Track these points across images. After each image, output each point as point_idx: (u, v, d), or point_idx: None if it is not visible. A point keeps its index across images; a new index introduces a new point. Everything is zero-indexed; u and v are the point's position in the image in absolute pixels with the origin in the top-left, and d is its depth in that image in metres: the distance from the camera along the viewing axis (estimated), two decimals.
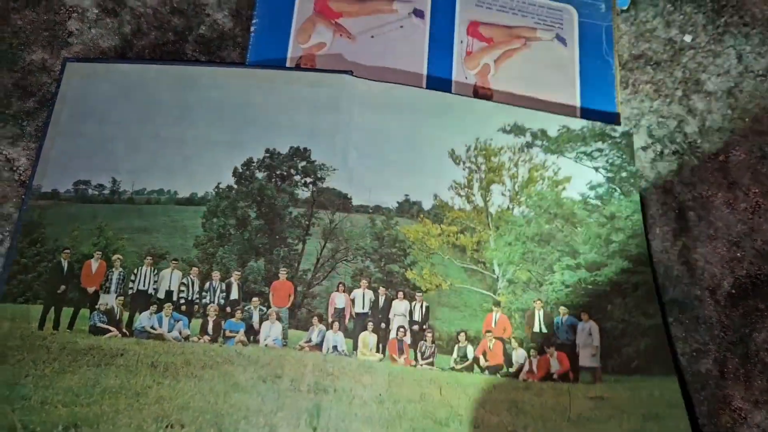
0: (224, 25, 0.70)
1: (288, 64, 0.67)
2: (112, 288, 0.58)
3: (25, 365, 0.55)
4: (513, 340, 0.60)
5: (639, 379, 0.58)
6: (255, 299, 0.58)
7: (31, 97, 0.65)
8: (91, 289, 0.58)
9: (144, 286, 0.58)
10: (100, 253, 0.59)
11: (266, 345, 0.56)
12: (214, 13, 0.71)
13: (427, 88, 0.68)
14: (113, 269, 0.59)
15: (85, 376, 0.55)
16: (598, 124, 0.67)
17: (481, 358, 0.59)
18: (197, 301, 0.58)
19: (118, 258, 0.59)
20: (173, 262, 0.59)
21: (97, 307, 0.58)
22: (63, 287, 0.58)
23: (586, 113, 0.68)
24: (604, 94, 0.70)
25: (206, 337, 0.56)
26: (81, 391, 0.54)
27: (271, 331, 0.57)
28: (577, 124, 0.67)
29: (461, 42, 0.71)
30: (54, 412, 0.54)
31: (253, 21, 0.69)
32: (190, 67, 0.66)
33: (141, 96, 0.64)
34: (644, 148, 0.70)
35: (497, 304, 0.61)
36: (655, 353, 0.59)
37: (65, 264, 0.59)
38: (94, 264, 0.59)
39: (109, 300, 0.58)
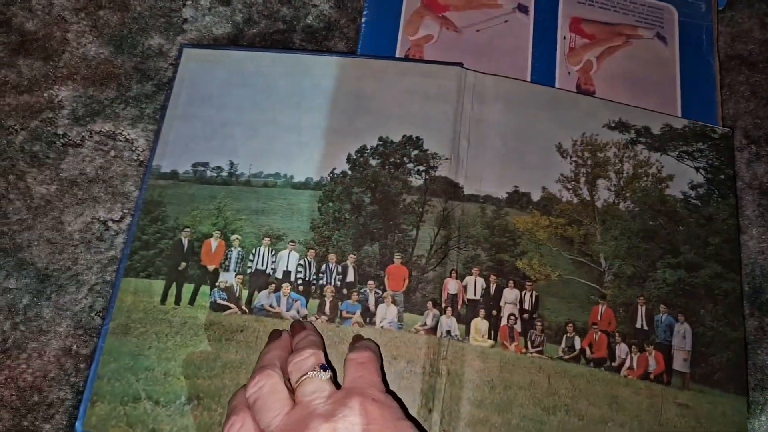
0: (330, 16, 0.72)
1: (397, 54, 0.68)
2: (231, 267, 0.60)
3: (148, 338, 0.57)
4: (617, 335, 0.61)
5: (718, 394, 0.59)
6: (371, 282, 0.59)
7: (149, 80, 0.67)
8: (211, 267, 0.60)
9: (262, 265, 0.60)
10: (219, 232, 0.61)
11: (382, 327, 0.58)
12: (321, 4, 0.72)
13: (531, 82, 0.68)
14: (232, 248, 0.61)
15: (207, 350, 0.57)
16: (699, 124, 0.68)
17: (587, 349, 0.60)
18: (314, 282, 0.59)
19: (237, 238, 0.61)
20: (290, 243, 0.61)
21: (217, 284, 0.59)
22: (184, 264, 0.60)
23: (686, 113, 0.69)
24: (704, 95, 0.70)
25: (323, 317, 0.58)
26: (203, 365, 0.56)
27: (387, 313, 0.58)
28: (679, 123, 0.68)
29: (564, 38, 0.71)
30: (176, 383, 0.56)
31: (364, 12, 0.70)
32: (304, 56, 0.67)
33: (256, 82, 0.66)
34: (740, 149, 0.70)
35: (603, 297, 0.61)
36: (734, 369, 0.60)
37: (185, 242, 0.61)
38: (214, 243, 0.61)
39: (229, 278, 0.60)
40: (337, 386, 0.48)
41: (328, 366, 0.48)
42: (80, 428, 0.54)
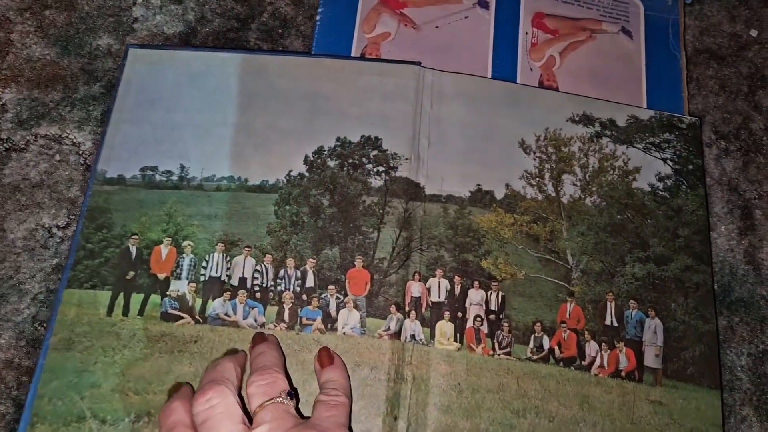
0: (286, 14, 0.70)
1: (353, 54, 0.66)
2: (184, 274, 0.57)
3: (93, 352, 0.54)
4: (586, 332, 0.59)
5: (692, 389, 0.58)
6: (331, 287, 0.57)
7: (97, 82, 0.65)
8: (161, 276, 0.57)
9: (216, 272, 0.57)
10: (170, 239, 0.58)
11: (344, 333, 0.55)
12: (276, 1, 0.70)
13: (492, 79, 0.67)
14: (184, 255, 0.58)
15: (158, 364, 0.54)
16: (666, 114, 0.67)
17: (556, 349, 0.58)
18: (272, 288, 0.56)
19: (189, 244, 0.58)
20: (246, 248, 0.58)
21: (168, 293, 0.57)
22: (132, 273, 0.57)
23: (652, 107, 0.68)
24: (670, 88, 0.69)
25: (282, 325, 0.55)
26: (153, 379, 0.53)
27: (349, 319, 0.56)
28: (645, 114, 0.67)
29: (526, 33, 0.70)
30: (125, 399, 0.53)
31: (319, 9, 0.68)
32: (257, 55, 0.65)
33: (207, 83, 0.64)
34: (708, 145, 0.69)
35: (571, 294, 0.60)
36: (707, 363, 0.58)
37: (134, 250, 0.58)
38: (164, 250, 0.58)
39: (181, 286, 0.57)
40: (299, 414, 0.45)
41: (293, 392, 0.46)
42: None
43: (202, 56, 0.65)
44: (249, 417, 0.44)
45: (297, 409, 0.45)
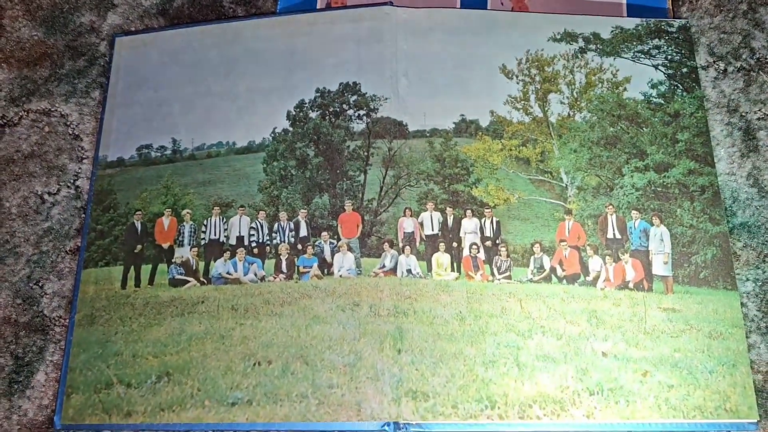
0: None
1: (318, 6, 0.67)
2: (185, 241, 0.60)
3: (113, 323, 0.57)
4: (588, 248, 0.58)
5: (706, 292, 0.56)
6: (324, 233, 0.58)
7: (81, 56, 0.68)
8: (165, 245, 0.60)
9: (215, 235, 0.59)
10: (170, 210, 0.61)
11: (341, 276, 0.56)
12: None
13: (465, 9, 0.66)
14: (184, 223, 0.60)
15: (171, 326, 0.56)
16: (653, 20, 0.64)
17: (558, 267, 0.57)
18: (268, 242, 0.58)
19: (188, 212, 0.60)
20: (240, 208, 0.59)
21: (173, 260, 0.59)
22: (139, 246, 0.60)
23: (633, 10, 0.65)
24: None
25: (281, 276, 0.57)
26: (168, 341, 0.56)
27: (344, 262, 0.57)
28: (630, 23, 0.64)
29: None
30: (146, 363, 0.55)
31: None
32: (232, 23, 0.66)
33: (188, 58, 0.65)
34: (705, 68, 0.66)
35: (569, 212, 0.59)
36: (720, 265, 0.56)
37: (138, 225, 0.60)
38: (165, 221, 0.60)
39: (184, 252, 0.59)
40: None
41: None
42: (59, 423, 0.54)
43: (181, 32, 0.67)
44: None
45: None
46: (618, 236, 0.58)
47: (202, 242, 0.58)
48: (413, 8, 0.65)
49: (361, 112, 0.61)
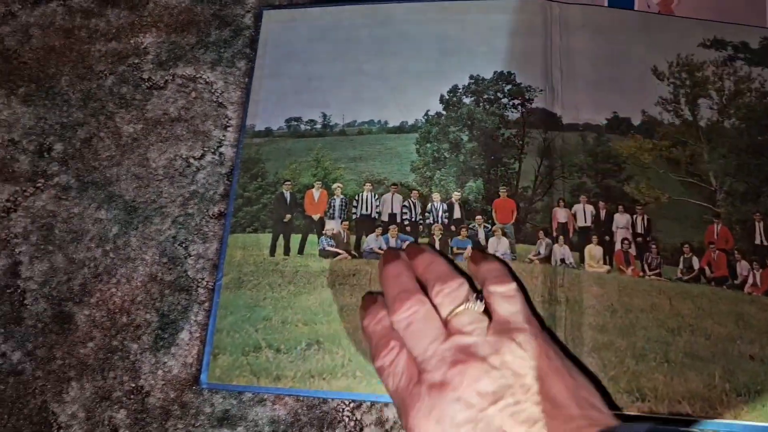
0: None
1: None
2: (336, 214, 0.60)
3: (262, 289, 0.58)
4: (736, 252, 0.59)
5: None
6: (479, 217, 0.59)
7: (227, 26, 0.70)
8: (316, 216, 0.60)
9: (367, 210, 0.60)
10: (320, 182, 0.62)
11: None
12: None
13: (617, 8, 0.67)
14: (335, 197, 0.61)
15: (321, 296, 0.57)
16: None
17: (707, 269, 0.58)
18: (421, 222, 0.59)
19: (339, 186, 0.61)
20: (393, 186, 0.60)
21: (324, 232, 0.60)
22: (288, 216, 0.60)
23: None
24: None
25: None
26: (319, 310, 0.57)
27: (498, 246, 0.57)
28: None
29: None
30: (296, 330, 0.56)
31: None
32: (383, 5, 0.67)
33: (339, 35, 0.66)
34: None
35: (717, 215, 0.59)
36: None
37: (288, 195, 0.61)
38: (316, 193, 0.61)
39: (335, 225, 0.60)
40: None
41: (481, 295, 0.48)
42: (205, 380, 0.55)
43: (331, 10, 0.68)
44: None
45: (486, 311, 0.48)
46: (766, 243, 0.58)
47: (354, 216, 0.59)
48: (566, 3, 0.65)
49: (516, 102, 0.61)
